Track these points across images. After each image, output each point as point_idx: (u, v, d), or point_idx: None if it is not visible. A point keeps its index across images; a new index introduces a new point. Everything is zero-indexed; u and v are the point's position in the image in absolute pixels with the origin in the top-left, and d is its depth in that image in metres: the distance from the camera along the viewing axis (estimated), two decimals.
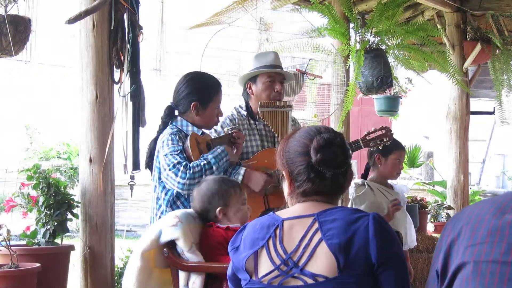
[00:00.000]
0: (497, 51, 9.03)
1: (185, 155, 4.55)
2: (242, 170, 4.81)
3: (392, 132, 5.71)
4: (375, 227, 2.50)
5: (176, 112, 4.84)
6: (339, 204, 2.84)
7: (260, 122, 5.22)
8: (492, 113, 10.66)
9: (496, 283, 2.23)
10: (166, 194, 4.67)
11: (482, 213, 2.38)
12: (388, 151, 5.72)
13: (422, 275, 6.92)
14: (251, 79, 5.27)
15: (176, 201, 4.62)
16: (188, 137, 4.59)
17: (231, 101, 5.48)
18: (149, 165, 4.82)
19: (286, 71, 5.50)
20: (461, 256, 2.32)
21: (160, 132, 4.77)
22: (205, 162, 4.48)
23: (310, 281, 2.49)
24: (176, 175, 4.44)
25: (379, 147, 5.65)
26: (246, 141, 4.99)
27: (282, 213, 2.67)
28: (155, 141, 4.77)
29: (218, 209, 3.99)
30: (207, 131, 4.91)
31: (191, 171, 4.42)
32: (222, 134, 4.88)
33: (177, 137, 4.61)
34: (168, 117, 4.82)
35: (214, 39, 7.38)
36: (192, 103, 4.70)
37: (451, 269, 2.34)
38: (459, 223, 2.40)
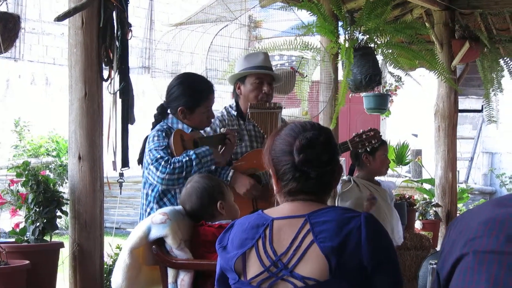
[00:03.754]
0: (485, 49, 9.10)
1: (169, 151, 4.62)
2: (230, 173, 4.89)
3: (380, 134, 5.77)
4: (367, 229, 2.50)
5: (169, 111, 4.89)
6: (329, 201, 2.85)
7: (249, 122, 5.27)
8: (480, 111, 10.75)
9: (495, 271, 2.26)
10: (152, 190, 4.74)
11: (481, 210, 2.43)
12: (374, 149, 5.78)
13: (410, 272, 6.95)
14: (240, 79, 5.34)
15: (163, 197, 4.67)
16: (173, 136, 4.65)
17: (218, 97, 5.49)
18: (142, 161, 4.84)
19: (275, 73, 5.55)
20: (459, 249, 2.36)
21: (153, 128, 4.85)
22: (187, 158, 4.53)
23: (300, 284, 2.49)
24: (157, 169, 4.52)
25: (367, 149, 5.71)
26: (237, 141, 5.03)
27: (271, 212, 2.66)
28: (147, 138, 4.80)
29: (219, 202, 4.05)
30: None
31: (172, 167, 4.49)
32: (214, 134, 4.92)
33: (164, 134, 4.69)
34: (160, 115, 4.91)
35: (203, 36, 7.38)
36: (179, 108, 4.75)
37: (450, 262, 2.37)
38: (461, 224, 2.44)
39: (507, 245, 2.26)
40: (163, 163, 4.52)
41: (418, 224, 8.11)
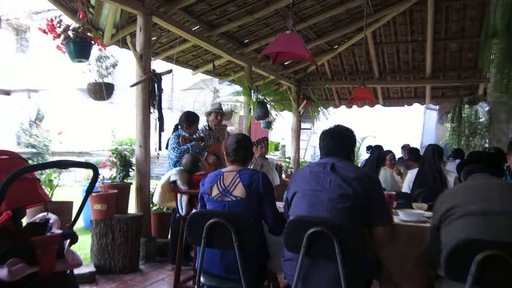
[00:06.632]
0: (313, 103, 9.28)
1: (179, 144, 4.65)
2: (205, 154, 4.89)
3: (267, 139, 5.90)
4: (262, 177, 2.56)
5: (179, 126, 4.86)
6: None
7: (213, 132, 5.30)
8: (310, 129, 10.92)
9: (308, 197, 2.29)
10: (172, 160, 4.69)
11: (303, 169, 2.47)
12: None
13: (280, 197, 6.99)
14: (209, 114, 5.39)
15: (176, 163, 4.64)
16: (180, 137, 4.70)
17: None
18: (167, 147, 4.83)
19: (224, 111, 5.65)
20: (294, 188, 2.40)
21: (172, 134, 4.82)
22: (187, 148, 4.60)
23: (234, 198, 2.53)
24: (173, 153, 4.61)
25: (262, 144, 5.80)
26: (208, 140, 5.04)
27: (223, 170, 2.70)
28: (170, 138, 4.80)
29: (200, 163, 4.03)
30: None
31: (179, 151, 4.57)
32: (198, 136, 4.91)
33: (177, 136, 4.71)
34: (176, 128, 4.89)
35: (193, 94, 7.33)
36: (184, 125, 4.74)
37: (290, 194, 2.40)
38: (296, 175, 2.49)
39: (313, 185, 2.30)
40: (176, 149, 4.59)
41: (284, 176, 8.19)
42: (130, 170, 4.78)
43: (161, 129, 4.81)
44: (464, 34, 7.56)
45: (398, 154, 7.56)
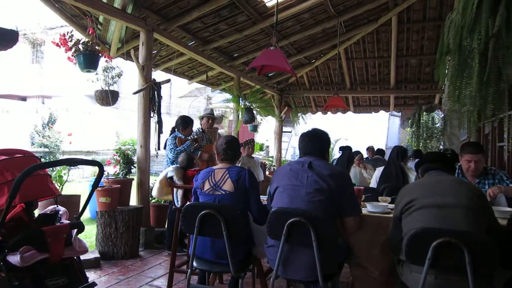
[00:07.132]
0: (293, 109, 9.27)
1: (176, 145, 4.59)
2: (199, 153, 4.82)
3: (253, 140, 5.82)
4: (248, 174, 2.52)
5: (175, 129, 4.80)
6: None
7: (206, 134, 5.23)
8: (290, 132, 10.92)
9: (288, 191, 2.29)
10: (169, 159, 4.62)
11: (284, 167, 2.45)
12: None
13: (264, 191, 6.94)
14: (202, 118, 5.31)
15: (174, 161, 4.57)
16: (176, 139, 4.63)
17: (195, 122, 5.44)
18: (165, 147, 4.76)
19: (215, 115, 5.58)
20: (276, 183, 2.38)
21: (169, 135, 4.74)
22: (183, 148, 4.53)
23: (223, 192, 2.49)
24: (171, 153, 4.53)
25: (249, 145, 5.72)
26: (201, 141, 4.99)
27: (214, 167, 2.65)
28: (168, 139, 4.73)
29: (194, 160, 3.97)
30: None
31: (176, 152, 4.51)
32: (192, 138, 4.87)
33: (174, 138, 4.64)
34: (173, 130, 4.81)
35: (189, 101, 7.28)
36: (180, 128, 4.69)
37: (272, 189, 2.38)
38: (278, 172, 2.47)
39: (293, 181, 2.30)
40: (173, 150, 4.51)
41: (267, 172, 8.17)
42: (132, 167, 4.72)
43: (160, 131, 4.76)
44: (422, 51, 7.70)
45: (365, 154, 7.65)
